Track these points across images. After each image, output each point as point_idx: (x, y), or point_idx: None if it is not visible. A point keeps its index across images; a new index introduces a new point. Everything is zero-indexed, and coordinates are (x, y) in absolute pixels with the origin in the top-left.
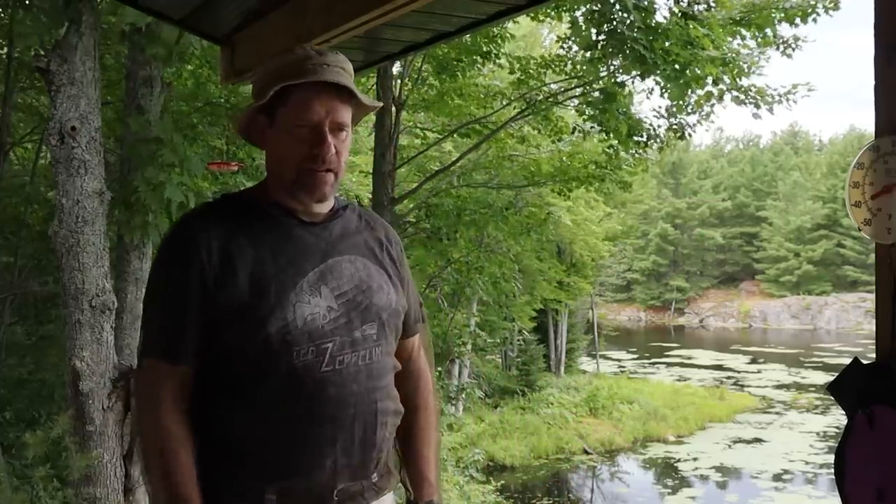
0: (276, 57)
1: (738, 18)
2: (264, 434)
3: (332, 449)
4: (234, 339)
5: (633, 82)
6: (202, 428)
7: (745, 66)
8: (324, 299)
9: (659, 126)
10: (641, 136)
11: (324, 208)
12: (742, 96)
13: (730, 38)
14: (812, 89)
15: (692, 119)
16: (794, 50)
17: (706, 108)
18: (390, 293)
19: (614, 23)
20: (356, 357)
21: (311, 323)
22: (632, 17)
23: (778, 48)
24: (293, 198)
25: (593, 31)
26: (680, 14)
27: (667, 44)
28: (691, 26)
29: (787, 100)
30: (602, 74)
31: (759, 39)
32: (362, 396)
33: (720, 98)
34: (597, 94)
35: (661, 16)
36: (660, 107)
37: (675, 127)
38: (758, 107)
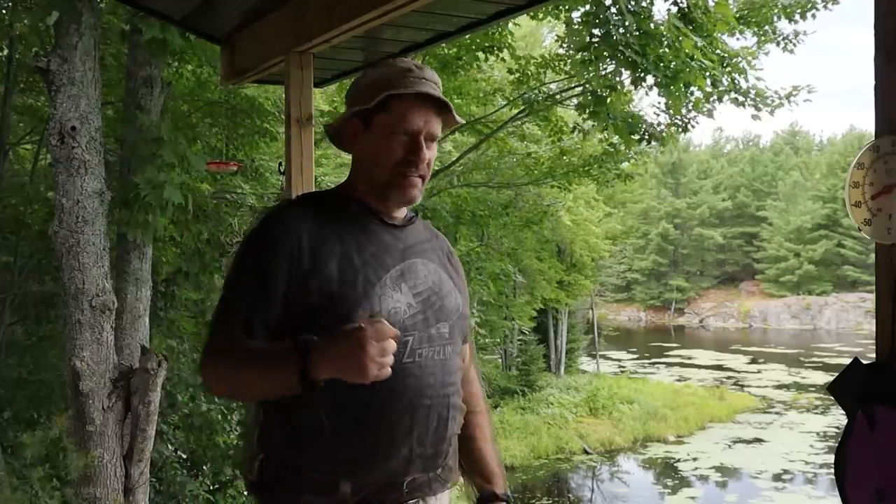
0: (380, 65)
1: (737, 17)
2: (345, 420)
3: (408, 438)
4: (321, 327)
5: (622, 87)
6: (279, 417)
7: (743, 65)
8: (404, 295)
9: (659, 124)
10: (642, 134)
11: (402, 213)
12: (741, 98)
13: (729, 37)
14: (812, 91)
15: (694, 112)
16: (794, 45)
17: (706, 107)
18: (458, 298)
19: (609, 26)
20: (433, 352)
21: (394, 315)
22: (627, 22)
23: (778, 44)
24: (381, 199)
25: (588, 33)
26: (678, 16)
27: (663, 48)
28: (685, 34)
29: (788, 101)
30: (592, 75)
31: (760, 38)
32: (437, 389)
33: (720, 99)
34: (590, 96)
35: (659, 14)
36: (659, 103)
37: (675, 123)
38: (758, 109)
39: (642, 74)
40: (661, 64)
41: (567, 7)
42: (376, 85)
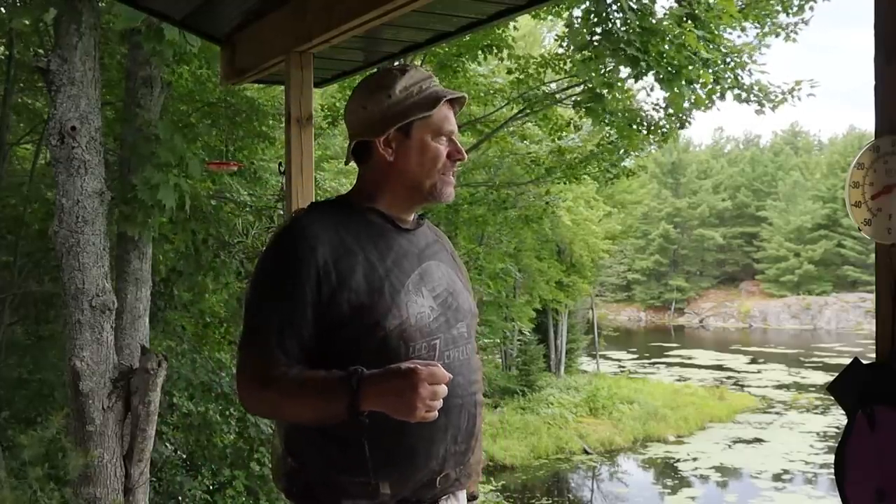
0: (396, 79)
1: (737, 11)
2: (385, 425)
3: (444, 437)
4: (352, 338)
5: (622, 84)
6: (309, 430)
7: (745, 59)
8: (426, 299)
9: (660, 118)
10: (642, 128)
11: (411, 217)
12: (744, 94)
13: (730, 30)
14: (815, 85)
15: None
16: (796, 34)
17: (707, 103)
18: (469, 298)
19: (610, 24)
20: (458, 353)
21: (420, 320)
22: (628, 19)
23: (778, 35)
24: (410, 204)
25: (589, 31)
26: (683, 15)
27: (665, 47)
28: (689, 29)
29: (792, 96)
30: (592, 73)
31: (761, 31)
32: (466, 388)
33: (722, 96)
34: (588, 93)
35: (661, 10)
36: (658, 98)
37: (673, 118)
38: (761, 105)
39: (643, 71)
40: (664, 60)
41: (567, 7)
42: (423, 93)
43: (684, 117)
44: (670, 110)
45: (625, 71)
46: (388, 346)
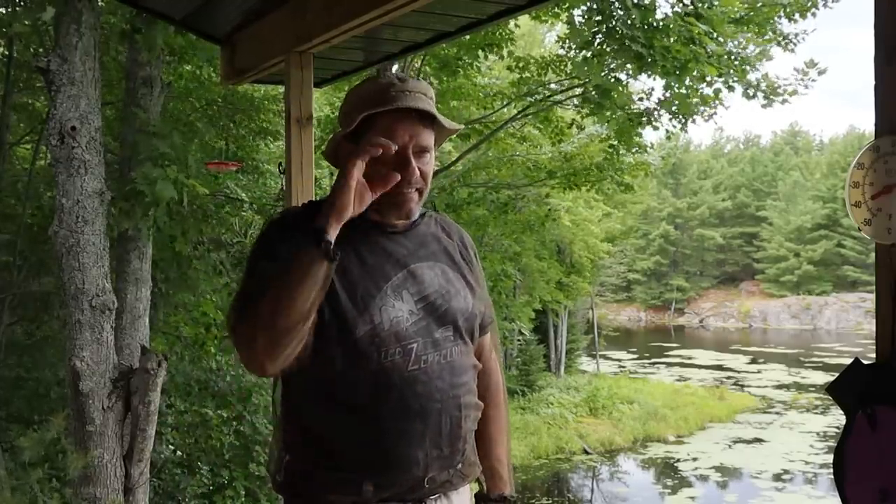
0: (360, 86)
1: (738, 17)
2: (359, 432)
3: (422, 442)
4: (324, 341)
5: (627, 82)
6: (299, 428)
7: (751, 56)
8: (406, 303)
9: (661, 115)
10: (642, 126)
11: (402, 219)
12: (752, 90)
13: (731, 39)
14: (823, 72)
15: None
16: (795, 45)
17: (716, 105)
18: (467, 298)
19: (613, 21)
20: (438, 356)
21: (395, 325)
22: (633, 15)
23: (779, 44)
24: (380, 215)
25: (592, 30)
26: (683, 13)
27: (670, 41)
28: (692, 23)
29: (802, 84)
30: (594, 72)
31: (761, 40)
32: (446, 392)
33: (730, 89)
34: (593, 92)
35: (661, 13)
36: (659, 99)
37: (676, 117)
38: (767, 98)
39: (649, 66)
40: (669, 55)
41: (567, 7)
42: (356, 106)
43: (686, 118)
44: (672, 110)
45: (624, 74)
46: (359, 350)
